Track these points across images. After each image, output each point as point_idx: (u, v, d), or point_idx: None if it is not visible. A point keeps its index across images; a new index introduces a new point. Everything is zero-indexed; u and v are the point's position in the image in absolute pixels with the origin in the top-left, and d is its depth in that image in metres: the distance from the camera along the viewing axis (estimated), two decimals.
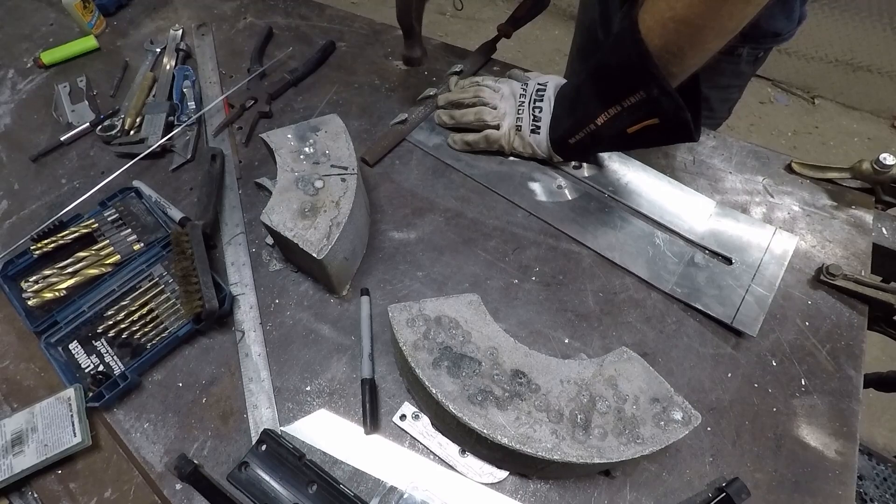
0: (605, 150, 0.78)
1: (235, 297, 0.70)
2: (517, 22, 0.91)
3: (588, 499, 0.57)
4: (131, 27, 1.06)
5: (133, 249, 0.73)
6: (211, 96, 0.92)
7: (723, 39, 0.54)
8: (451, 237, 0.74)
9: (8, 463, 0.58)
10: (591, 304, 0.68)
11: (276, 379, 0.64)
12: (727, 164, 0.80)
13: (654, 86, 0.57)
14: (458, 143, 0.81)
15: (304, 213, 0.64)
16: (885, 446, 1.53)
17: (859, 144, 2.17)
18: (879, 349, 1.27)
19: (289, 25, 1.03)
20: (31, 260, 0.73)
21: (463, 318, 0.58)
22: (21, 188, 0.85)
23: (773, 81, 2.34)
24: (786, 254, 0.70)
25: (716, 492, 0.56)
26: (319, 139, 0.70)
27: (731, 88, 0.95)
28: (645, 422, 0.52)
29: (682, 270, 0.69)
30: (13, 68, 1.02)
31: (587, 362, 0.56)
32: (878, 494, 0.94)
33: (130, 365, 0.64)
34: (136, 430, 0.62)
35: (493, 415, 0.52)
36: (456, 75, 0.88)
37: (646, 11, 0.56)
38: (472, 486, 0.58)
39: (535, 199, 0.77)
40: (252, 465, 0.57)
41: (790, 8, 0.79)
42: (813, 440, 0.59)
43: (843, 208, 0.75)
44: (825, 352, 0.64)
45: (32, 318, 0.68)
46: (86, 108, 0.92)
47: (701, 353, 0.65)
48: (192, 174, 0.83)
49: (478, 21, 2.64)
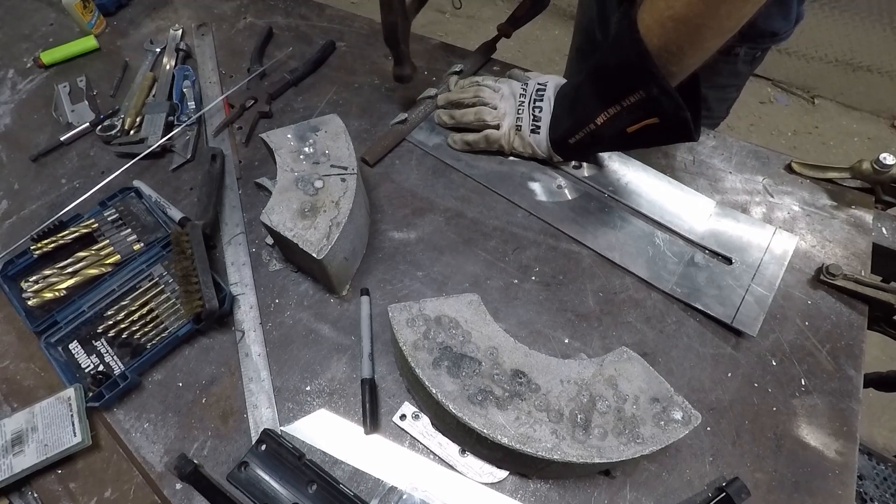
0: (605, 149, 0.78)
1: (235, 297, 0.70)
2: (517, 22, 0.91)
3: (588, 499, 0.57)
4: (131, 27, 1.06)
5: (133, 249, 0.73)
6: (211, 96, 0.92)
7: (722, 38, 0.54)
8: (451, 237, 0.74)
9: (8, 463, 0.58)
10: (591, 304, 0.68)
11: (276, 379, 0.64)
12: (727, 164, 0.80)
13: (653, 85, 0.57)
14: (458, 143, 0.81)
15: (303, 213, 0.64)
16: (885, 446, 1.53)
17: (859, 144, 2.17)
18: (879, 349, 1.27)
19: (289, 25, 1.03)
20: (31, 260, 0.73)
21: (463, 317, 0.58)
22: (21, 188, 0.85)
23: (773, 81, 2.34)
24: (786, 254, 0.70)
25: (716, 492, 0.56)
26: (319, 139, 0.70)
27: (729, 88, 0.95)
28: (645, 422, 0.52)
29: (682, 270, 0.69)
30: (13, 68, 1.02)
31: (587, 362, 0.56)
32: (878, 494, 0.94)
33: (130, 365, 0.64)
34: (136, 429, 0.62)
35: (493, 415, 0.52)
36: (456, 75, 0.88)
37: (645, 11, 0.56)
38: (472, 486, 0.58)
39: (535, 199, 0.77)
40: (252, 464, 0.57)
41: (787, 8, 0.79)
42: (813, 440, 0.59)
43: (843, 208, 0.75)
44: (825, 352, 0.64)
45: (32, 318, 0.68)
46: (86, 108, 0.92)
47: (701, 353, 0.65)
48: (192, 174, 0.83)
49: (478, 21, 2.64)
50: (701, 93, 0.62)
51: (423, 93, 0.87)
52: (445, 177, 0.80)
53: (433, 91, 0.87)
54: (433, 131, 0.85)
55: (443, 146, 0.83)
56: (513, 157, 0.81)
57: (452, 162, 0.81)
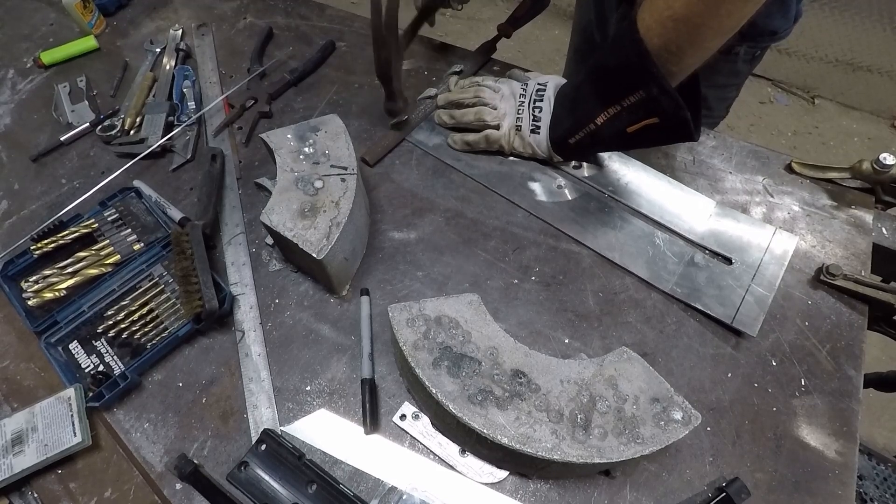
0: (605, 149, 0.78)
1: (235, 297, 0.70)
2: (517, 22, 0.91)
3: (588, 499, 0.57)
4: (131, 27, 1.06)
5: (133, 249, 0.73)
6: (211, 96, 0.92)
7: (722, 38, 0.54)
8: (451, 237, 0.74)
9: (8, 462, 0.58)
10: (591, 304, 0.68)
11: (276, 379, 0.64)
12: (727, 164, 0.80)
13: (653, 85, 0.57)
14: (458, 143, 0.81)
15: (303, 213, 0.64)
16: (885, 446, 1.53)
17: (859, 144, 2.17)
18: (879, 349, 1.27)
19: (289, 25, 1.03)
20: (31, 260, 0.73)
21: (463, 317, 0.58)
22: (21, 188, 0.85)
23: (773, 81, 2.34)
24: (786, 254, 0.70)
25: (716, 492, 0.56)
26: (319, 139, 0.70)
27: (729, 87, 0.95)
28: (645, 422, 0.52)
29: (682, 270, 0.69)
30: (13, 68, 1.02)
31: (587, 362, 0.56)
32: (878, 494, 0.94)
33: (130, 365, 0.64)
34: (136, 429, 0.62)
35: (493, 415, 0.52)
36: (456, 75, 0.88)
37: (644, 11, 0.56)
38: (472, 486, 0.57)
39: (535, 199, 0.77)
40: (252, 464, 0.57)
41: (787, 6, 0.79)
42: (813, 440, 0.59)
43: (843, 208, 0.75)
44: (825, 352, 0.64)
45: (32, 318, 0.68)
46: (86, 108, 0.92)
47: (701, 353, 0.65)
48: (192, 174, 0.83)
49: (478, 21, 2.64)
50: (701, 92, 0.62)
51: (423, 93, 0.87)
52: (445, 177, 0.80)
53: (433, 91, 0.87)
54: (433, 131, 0.85)
55: (443, 146, 0.83)
56: (513, 158, 0.81)
57: (452, 162, 0.81)
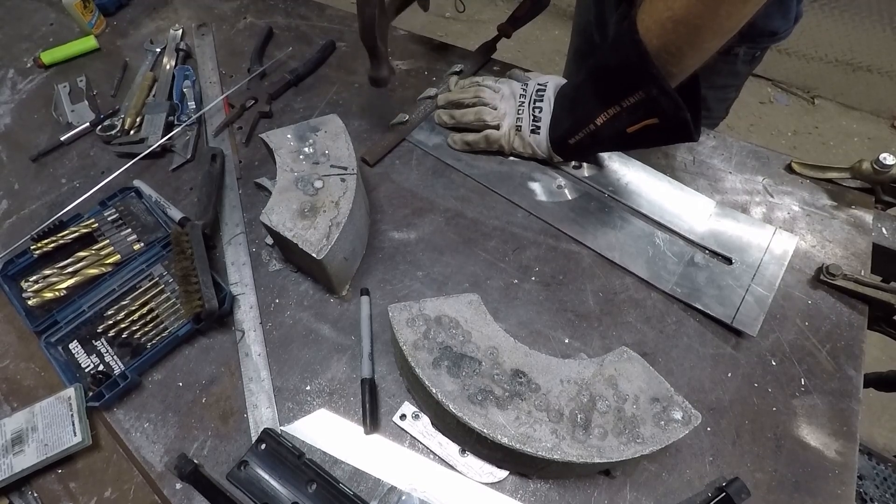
0: (604, 150, 0.78)
1: (235, 296, 0.70)
2: (517, 22, 0.91)
3: (588, 499, 0.57)
4: (131, 27, 1.06)
5: (133, 249, 0.73)
6: (211, 96, 0.92)
7: (721, 39, 0.54)
8: (451, 237, 0.74)
9: (8, 462, 0.58)
10: (591, 304, 0.68)
11: (276, 379, 0.64)
12: (727, 164, 0.80)
13: (653, 86, 0.57)
14: (458, 143, 0.81)
15: (303, 213, 0.64)
16: (885, 446, 1.53)
17: (859, 144, 2.17)
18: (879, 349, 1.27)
19: (289, 25, 1.03)
20: (31, 260, 0.73)
21: (463, 317, 0.58)
22: (21, 188, 0.85)
23: (773, 81, 2.34)
24: (786, 254, 0.70)
25: (716, 492, 0.56)
26: (319, 139, 0.70)
27: (728, 88, 0.95)
28: (645, 421, 0.52)
29: (682, 270, 0.69)
30: (13, 68, 1.02)
31: (587, 362, 0.56)
32: (878, 494, 0.94)
33: (130, 365, 0.64)
34: (136, 429, 0.62)
35: (493, 414, 0.52)
36: (456, 75, 0.88)
37: (644, 12, 0.56)
38: (472, 486, 0.58)
39: (535, 199, 0.77)
40: (252, 464, 0.57)
41: (787, 7, 0.79)
42: (813, 440, 0.59)
43: (843, 208, 0.75)
44: (825, 352, 0.64)
45: (32, 317, 0.68)
46: (86, 108, 0.92)
47: (701, 353, 0.65)
48: (192, 174, 0.83)
49: (478, 21, 2.64)
50: (701, 93, 0.62)
51: (423, 93, 0.87)
52: (445, 177, 0.80)
53: (433, 91, 0.87)
54: (433, 131, 0.85)
55: (443, 146, 0.83)
56: (513, 158, 0.81)
57: (452, 162, 0.81)
